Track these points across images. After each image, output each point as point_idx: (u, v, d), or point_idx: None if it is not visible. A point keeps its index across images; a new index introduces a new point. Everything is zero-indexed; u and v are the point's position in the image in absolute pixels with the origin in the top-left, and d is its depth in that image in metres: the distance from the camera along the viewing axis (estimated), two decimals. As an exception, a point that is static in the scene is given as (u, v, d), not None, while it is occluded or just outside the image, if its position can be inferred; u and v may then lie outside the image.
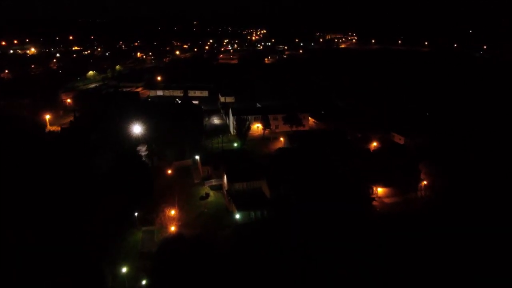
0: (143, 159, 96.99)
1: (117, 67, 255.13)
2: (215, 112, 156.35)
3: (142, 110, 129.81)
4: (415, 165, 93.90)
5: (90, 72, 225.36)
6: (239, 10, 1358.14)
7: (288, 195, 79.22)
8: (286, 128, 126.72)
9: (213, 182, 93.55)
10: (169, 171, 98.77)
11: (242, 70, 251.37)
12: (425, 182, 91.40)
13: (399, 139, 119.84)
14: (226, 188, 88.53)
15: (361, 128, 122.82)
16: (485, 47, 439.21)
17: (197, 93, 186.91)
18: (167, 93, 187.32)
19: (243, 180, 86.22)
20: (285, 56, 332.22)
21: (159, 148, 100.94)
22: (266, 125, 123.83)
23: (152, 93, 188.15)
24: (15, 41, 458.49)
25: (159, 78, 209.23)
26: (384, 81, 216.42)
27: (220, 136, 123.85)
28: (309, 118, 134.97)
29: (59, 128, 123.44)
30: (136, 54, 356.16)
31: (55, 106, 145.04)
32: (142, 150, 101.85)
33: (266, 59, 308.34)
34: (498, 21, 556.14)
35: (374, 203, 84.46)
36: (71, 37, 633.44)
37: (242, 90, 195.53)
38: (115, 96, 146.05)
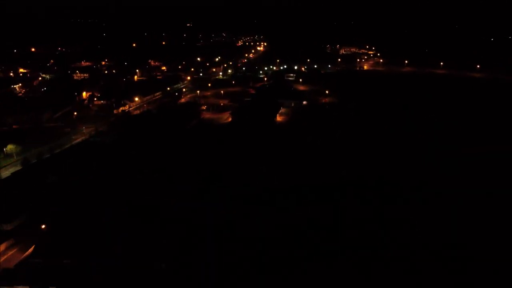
0: None
1: (9, 147, 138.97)
2: None
3: None
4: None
5: None
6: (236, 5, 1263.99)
7: None
8: None
9: None
10: None
11: (237, 154, 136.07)
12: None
13: None
14: None
15: None
16: None
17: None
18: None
19: None
20: (304, 103, 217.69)
21: None
22: None
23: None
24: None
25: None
26: None
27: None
28: None
29: None
30: (82, 93, 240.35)
31: None
32: None
33: (277, 115, 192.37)
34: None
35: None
36: (33, 49, 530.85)
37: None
38: None
